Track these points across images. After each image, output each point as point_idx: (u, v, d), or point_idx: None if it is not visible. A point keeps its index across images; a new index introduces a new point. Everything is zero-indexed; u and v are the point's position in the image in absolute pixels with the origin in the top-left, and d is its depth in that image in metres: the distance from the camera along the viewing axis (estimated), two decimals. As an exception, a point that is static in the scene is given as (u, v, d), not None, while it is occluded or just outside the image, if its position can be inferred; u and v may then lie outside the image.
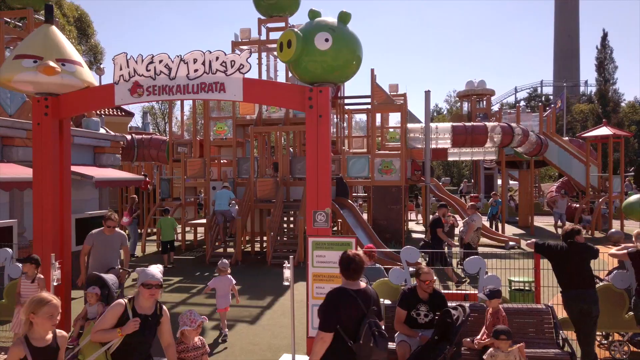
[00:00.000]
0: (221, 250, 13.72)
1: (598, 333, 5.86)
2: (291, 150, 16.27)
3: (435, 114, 67.03)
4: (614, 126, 23.17)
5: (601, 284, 5.97)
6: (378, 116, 18.14)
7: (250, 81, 6.18)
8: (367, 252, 7.25)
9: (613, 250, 5.84)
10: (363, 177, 15.74)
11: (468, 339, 4.92)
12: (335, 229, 18.96)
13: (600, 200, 18.22)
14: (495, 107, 51.60)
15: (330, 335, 3.35)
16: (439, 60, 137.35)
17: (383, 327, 3.47)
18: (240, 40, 15.36)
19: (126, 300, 3.78)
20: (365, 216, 15.68)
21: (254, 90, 6.18)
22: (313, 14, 5.95)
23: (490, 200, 19.79)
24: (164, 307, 3.97)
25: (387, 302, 5.72)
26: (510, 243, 15.01)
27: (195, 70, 6.09)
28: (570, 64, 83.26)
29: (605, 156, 18.61)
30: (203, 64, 6.04)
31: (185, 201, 15.17)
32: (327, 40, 5.58)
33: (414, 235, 18.80)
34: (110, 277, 6.31)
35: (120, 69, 6.24)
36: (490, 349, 4.43)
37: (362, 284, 3.59)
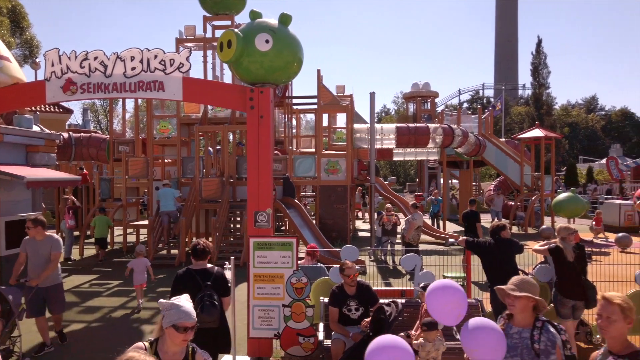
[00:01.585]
0: (165, 252, 13.42)
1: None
2: (243, 148, 16.07)
3: (383, 115, 68.55)
4: (547, 128, 24.61)
5: (527, 277, 6.37)
6: (325, 116, 18.36)
7: (190, 80, 6.12)
8: (310, 251, 7.37)
9: (537, 246, 6.25)
10: (310, 176, 15.89)
11: (402, 334, 5.11)
12: (283, 228, 19.03)
13: (534, 198, 19.33)
14: (441, 109, 53.52)
15: None
16: (389, 62, 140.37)
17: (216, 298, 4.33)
18: (184, 37, 15.05)
19: (147, 344, 2.81)
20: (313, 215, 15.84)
21: (194, 90, 6.12)
22: (254, 14, 5.98)
23: (431, 197, 20.52)
24: (199, 351, 2.95)
25: (327, 300, 5.85)
26: (450, 240, 15.64)
27: (133, 68, 5.96)
28: (509, 68, 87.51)
29: (538, 156, 19.75)
30: (141, 61, 5.92)
31: (127, 202, 14.70)
32: (267, 41, 5.63)
33: (361, 233, 19.17)
34: (13, 291, 5.73)
35: (52, 65, 6.00)
36: (420, 339, 4.66)
37: (208, 265, 4.56)
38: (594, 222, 16.35)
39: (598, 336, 6.32)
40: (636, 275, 6.06)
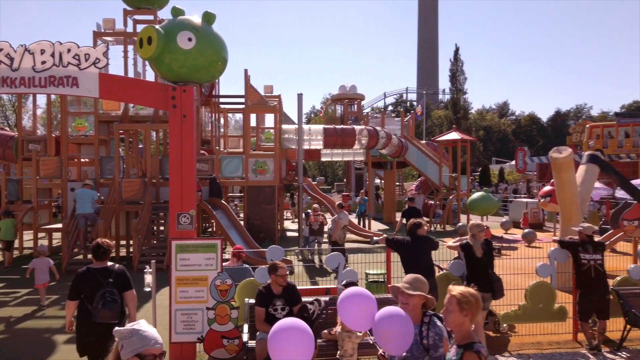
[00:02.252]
0: (81, 257, 12.63)
1: (439, 315, 6.65)
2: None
3: (312, 116, 69.18)
4: (463, 131, 26.14)
5: (440, 272, 6.78)
6: (253, 116, 18.22)
7: (108, 77, 5.84)
8: (235, 252, 7.31)
9: (450, 242, 6.67)
10: (238, 177, 15.71)
11: (325, 331, 5.25)
12: (209, 230, 18.63)
13: (451, 197, 20.49)
14: (367, 111, 55.01)
15: (74, 302, 4.53)
16: (320, 65, 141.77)
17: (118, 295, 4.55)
18: (103, 30, 14.28)
19: None
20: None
21: (112, 87, 5.85)
22: (176, 11, 5.84)
23: (359, 198, 21.10)
24: None
25: (252, 301, 5.84)
26: (375, 238, 16.16)
27: (43, 62, 5.58)
28: (430, 73, 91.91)
29: (455, 158, 20.95)
30: (52, 55, 5.56)
31: (39, 204, 13.67)
32: (190, 39, 5.52)
33: (289, 233, 19.26)
34: None
35: (-51, 56, 5.46)
36: (338, 328, 4.83)
37: (109, 263, 4.71)
38: (521, 221, 17.78)
39: (505, 325, 6.87)
40: (537, 268, 6.65)
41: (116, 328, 2.33)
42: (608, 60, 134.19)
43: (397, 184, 30.88)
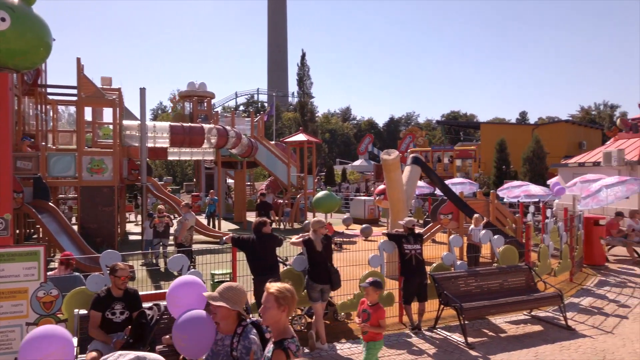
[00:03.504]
0: None
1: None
2: None
3: (159, 112, 65.56)
4: (310, 134, 27.45)
5: (285, 268, 7.06)
6: (89, 110, 16.57)
7: None
8: (64, 260, 6.63)
9: (294, 239, 6.97)
10: (69, 176, 14.14)
11: (167, 336, 5.07)
12: (35, 236, 16.45)
13: (299, 196, 21.34)
14: (219, 109, 54.11)
15: None
16: (171, 61, 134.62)
17: None
18: None
19: None
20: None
21: None
22: (-14, -14, 5.06)
23: (208, 198, 20.71)
24: None
25: (83, 312, 5.36)
26: (224, 238, 16.01)
27: None
28: (280, 76, 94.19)
29: (303, 158, 21.88)
30: None
31: None
32: (3, 19, 4.84)
33: (132, 237, 18.00)
34: None
35: None
36: None
37: None
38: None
39: (342, 313, 7.43)
40: (369, 259, 7.33)
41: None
42: (433, 72, 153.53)
43: (248, 183, 31.04)
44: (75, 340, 5.17)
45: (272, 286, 2.85)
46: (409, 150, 37.81)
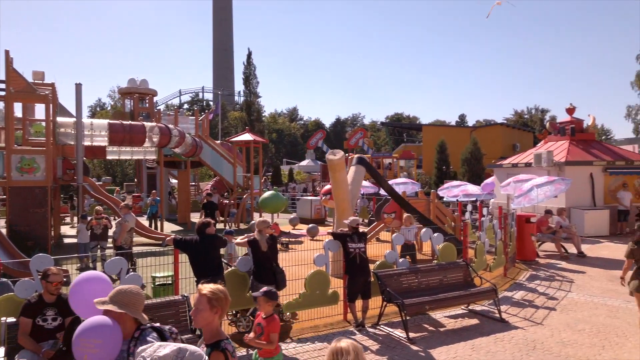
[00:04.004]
0: None
1: (229, 312, 6.82)
2: None
3: (98, 109, 62.63)
4: (257, 133, 27.22)
5: (230, 268, 6.97)
6: (18, 106, 15.56)
7: None
8: (-11, 265, 6.20)
9: (239, 239, 6.91)
10: (-4, 176, 13.24)
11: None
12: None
13: (245, 196, 21.11)
14: (162, 107, 52.47)
15: None
16: (107, 55, 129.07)
17: None
18: None
19: None
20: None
21: None
22: None
23: (150, 199, 20.05)
24: None
25: (12, 319, 5.04)
26: (166, 239, 15.55)
27: None
28: (226, 74, 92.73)
29: (249, 158, 21.66)
30: None
31: None
32: None
33: (67, 240, 17.10)
34: None
35: None
36: None
37: None
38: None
39: (288, 313, 7.44)
40: (314, 258, 7.39)
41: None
42: (379, 74, 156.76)
43: (192, 183, 30.32)
44: (2, 350, 4.87)
45: (205, 287, 2.81)
46: (361, 141, 38.43)
